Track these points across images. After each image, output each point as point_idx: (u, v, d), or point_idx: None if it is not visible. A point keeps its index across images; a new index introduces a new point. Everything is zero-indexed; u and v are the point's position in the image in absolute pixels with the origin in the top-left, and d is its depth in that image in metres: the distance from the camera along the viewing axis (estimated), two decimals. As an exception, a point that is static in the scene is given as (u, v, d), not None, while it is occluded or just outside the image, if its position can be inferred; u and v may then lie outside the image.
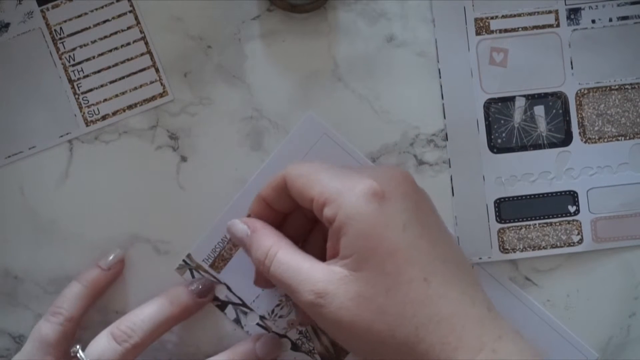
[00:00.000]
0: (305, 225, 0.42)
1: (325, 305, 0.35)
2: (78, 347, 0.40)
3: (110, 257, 0.43)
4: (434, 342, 0.33)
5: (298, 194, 0.38)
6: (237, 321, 0.45)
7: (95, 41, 0.44)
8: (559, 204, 0.45)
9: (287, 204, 0.40)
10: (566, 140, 0.45)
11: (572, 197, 0.45)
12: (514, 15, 0.44)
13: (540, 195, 0.45)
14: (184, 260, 0.45)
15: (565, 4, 0.44)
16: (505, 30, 0.44)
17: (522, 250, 0.45)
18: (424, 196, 0.38)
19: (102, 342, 0.40)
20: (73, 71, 0.44)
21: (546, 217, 0.45)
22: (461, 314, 0.34)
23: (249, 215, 0.41)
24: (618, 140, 0.45)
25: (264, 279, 0.41)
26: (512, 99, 0.44)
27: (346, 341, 0.36)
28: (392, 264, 0.34)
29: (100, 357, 0.40)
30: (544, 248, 0.45)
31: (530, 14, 0.44)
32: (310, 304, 0.35)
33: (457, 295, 0.35)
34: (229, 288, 0.45)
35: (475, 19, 0.44)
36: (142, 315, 0.41)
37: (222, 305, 0.45)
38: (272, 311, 0.45)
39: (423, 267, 0.35)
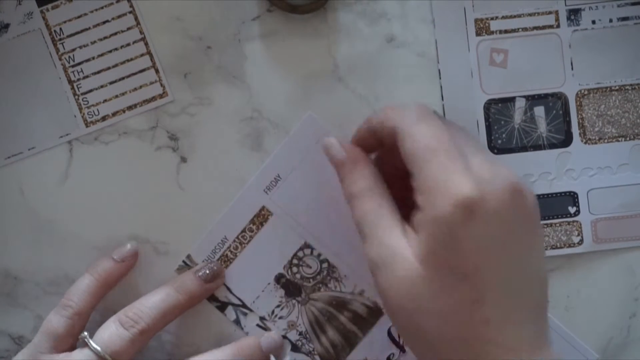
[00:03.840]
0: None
1: (381, 275, 0.35)
2: (86, 333, 0.41)
3: (126, 248, 0.44)
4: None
5: (407, 161, 0.35)
6: (237, 322, 0.45)
7: (95, 42, 0.44)
8: (559, 205, 0.45)
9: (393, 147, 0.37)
10: (566, 141, 0.45)
11: (572, 198, 0.45)
12: (514, 16, 0.44)
13: (541, 196, 0.45)
14: (183, 261, 0.45)
15: (566, 5, 0.44)
16: (506, 31, 0.44)
17: (522, 251, 0.45)
18: (524, 217, 0.35)
19: (110, 328, 0.41)
20: (73, 72, 0.44)
21: (546, 218, 0.45)
22: (511, 348, 0.33)
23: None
24: (618, 141, 0.45)
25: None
26: (512, 99, 0.44)
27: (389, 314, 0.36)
28: (463, 279, 0.33)
29: (108, 342, 0.40)
30: (544, 249, 0.45)
31: (530, 14, 0.44)
32: (373, 265, 0.35)
33: (517, 330, 0.34)
34: (228, 289, 0.45)
35: (476, 20, 0.44)
36: (149, 303, 0.41)
37: (222, 306, 0.45)
38: (272, 312, 0.45)
39: (489, 289, 0.33)
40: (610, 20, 0.44)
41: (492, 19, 0.44)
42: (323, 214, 0.44)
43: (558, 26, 0.44)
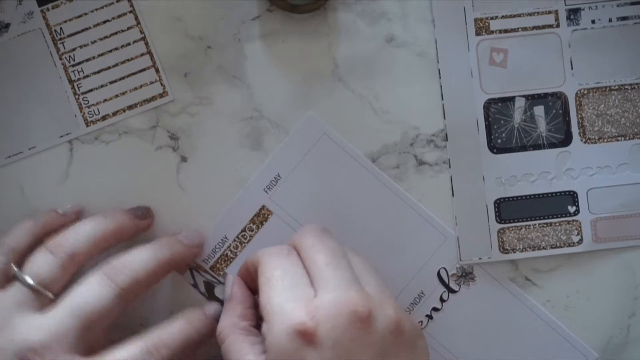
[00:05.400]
0: None
1: None
2: (14, 266, 0.39)
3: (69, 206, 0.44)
4: None
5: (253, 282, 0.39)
6: (237, 321, 0.45)
7: (95, 41, 0.44)
8: (558, 204, 0.45)
9: None
10: (566, 141, 0.45)
11: (572, 197, 0.45)
12: (514, 16, 0.44)
13: (540, 196, 0.45)
14: (184, 261, 0.45)
15: (565, 5, 0.44)
16: (505, 31, 0.44)
17: (522, 251, 0.45)
18: (366, 346, 0.35)
19: (38, 258, 0.39)
20: (73, 71, 0.44)
21: (546, 217, 0.45)
22: None
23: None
24: (618, 140, 0.45)
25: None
26: (512, 99, 0.44)
27: None
28: None
29: (37, 271, 0.39)
30: (544, 248, 0.45)
31: (530, 14, 0.44)
32: None
33: None
34: (229, 288, 0.45)
35: (475, 19, 0.44)
36: (77, 229, 0.41)
37: (222, 304, 0.45)
38: (272, 311, 0.45)
39: None
40: (610, 20, 0.44)
41: (492, 18, 0.44)
42: (323, 214, 0.44)
43: (558, 26, 0.44)
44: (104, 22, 0.44)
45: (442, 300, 0.45)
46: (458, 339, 0.45)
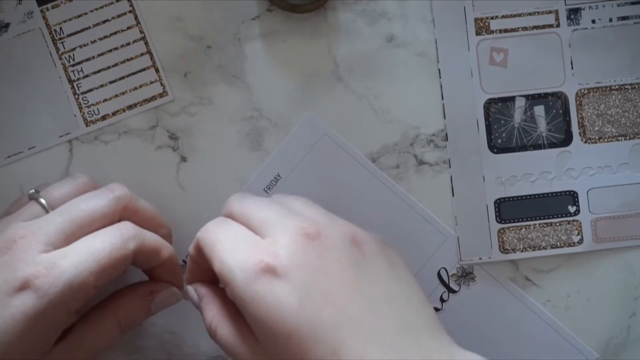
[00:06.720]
0: None
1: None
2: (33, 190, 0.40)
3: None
4: None
5: (208, 265, 0.37)
6: (237, 321, 0.45)
7: (95, 41, 0.44)
8: (559, 204, 0.45)
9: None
10: (566, 141, 0.45)
11: (572, 197, 0.45)
12: (514, 15, 0.44)
13: (540, 196, 0.45)
14: (183, 261, 0.45)
15: (565, 4, 0.44)
16: (505, 30, 0.44)
17: (522, 251, 0.45)
18: (331, 255, 0.34)
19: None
20: (73, 71, 0.44)
21: (546, 217, 0.45)
22: None
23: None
24: (618, 140, 0.45)
25: None
26: (512, 99, 0.44)
27: None
28: (295, 345, 0.32)
29: (51, 195, 0.39)
30: (544, 248, 0.45)
31: (530, 14, 0.44)
32: None
33: (377, 355, 0.32)
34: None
35: (475, 19, 0.44)
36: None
37: (222, 306, 0.45)
38: (272, 311, 0.45)
39: (328, 340, 0.32)
40: (610, 20, 0.44)
41: (492, 18, 0.44)
42: (323, 214, 0.44)
43: (558, 25, 0.44)
44: (104, 21, 0.44)
45: (442, 300, 0.45)
46: (458, 339, 0.45)
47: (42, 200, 0.39)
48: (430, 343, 0.34)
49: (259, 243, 0.35)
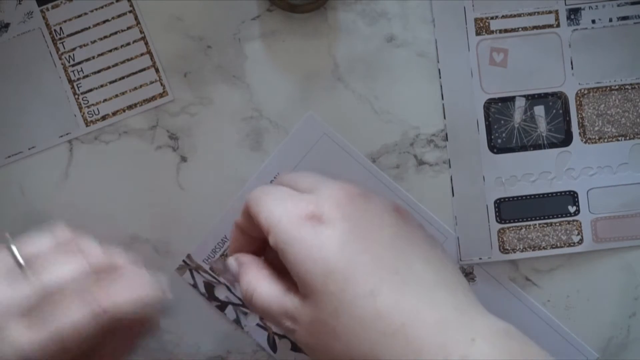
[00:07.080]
0: None
1: (296, 331, 0.35)
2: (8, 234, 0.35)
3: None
4: (392, 358, 0.32)
5: (254, 221, 0.37)
6: (237, 321, 0.45)
7: (95, 41, 0.44)
8: (559, 204, 0.45)
9: (259, 229, 0.38)
10: (566, 141, 0.45)
11: (572, 197, 0.45)
12: (514, 16, 0.44)
13: (541, 196, 0.45)
14: (183, 261, 0.45)
15: (565, 4, 0.44)
16: (505, 31, 0.44)
17: (522, 251, 0.45)
18: (373, 213, 0.36)
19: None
20: (73, 71, 0.44)
21: (546, 217, 0.45)
22: (416, 322, 0.32)
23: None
24: (618, 140, 0.45)
25: None
26: (512, 99, 0.44)
27: None
28: (333, 283, 0.33)
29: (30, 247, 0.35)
30: (544, 248, 0.45)
31: (530, 14, 0.44)
32: (286, 330, 0.35)
33: (412, 303, 0.33)
34: (229, 288, 0.45)
35: (475, 19, 0.44)
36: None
37: (222, 306, 0.45)
38: (272, 311, 0.45)
39: (366, 281, 0.33)
40: (610, 20, 0.44)
41: (492, 18, 0.44)
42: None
43: (558, 25, 0.44)
44: (104, 21, 0.44)
45: (442, 300, 0.45)
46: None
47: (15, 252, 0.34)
48: (463, 300, 0.34)
49: (305, 196, 0.36)
